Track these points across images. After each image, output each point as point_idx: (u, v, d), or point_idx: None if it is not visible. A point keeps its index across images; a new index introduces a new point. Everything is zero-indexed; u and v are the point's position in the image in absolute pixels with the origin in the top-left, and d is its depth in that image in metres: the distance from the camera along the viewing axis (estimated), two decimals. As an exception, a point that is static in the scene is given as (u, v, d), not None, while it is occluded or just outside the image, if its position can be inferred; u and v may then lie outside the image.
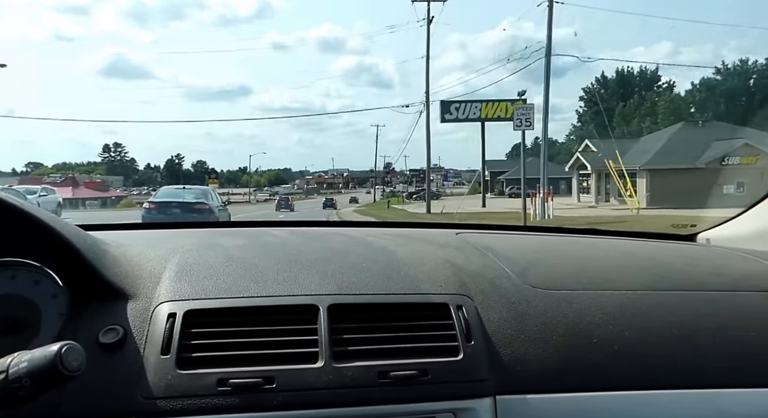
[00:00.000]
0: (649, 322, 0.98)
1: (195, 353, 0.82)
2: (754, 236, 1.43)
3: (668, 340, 0.96)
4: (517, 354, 0.90)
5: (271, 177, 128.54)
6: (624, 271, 1.19)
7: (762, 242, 1.39)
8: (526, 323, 0.95)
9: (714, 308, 1.04)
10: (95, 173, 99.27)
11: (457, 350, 0.88)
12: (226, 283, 0.96)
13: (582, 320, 0.97)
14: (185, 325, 0.85)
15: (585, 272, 1.16)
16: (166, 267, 1.00)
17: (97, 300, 0.88)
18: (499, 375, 0.88)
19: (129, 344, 0.83)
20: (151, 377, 0.79)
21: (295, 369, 0.82)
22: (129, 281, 0.93)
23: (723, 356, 0.95)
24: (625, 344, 0.94)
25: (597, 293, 1.04)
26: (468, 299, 0.98)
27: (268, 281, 0.97)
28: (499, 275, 1.08)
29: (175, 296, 0.91)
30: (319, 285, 0.97)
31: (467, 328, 0.91)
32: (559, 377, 0.89)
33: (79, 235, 0.92)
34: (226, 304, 0.90)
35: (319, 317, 0.88)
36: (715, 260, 1.33)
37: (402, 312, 0.93)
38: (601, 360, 0.92)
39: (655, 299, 1.05)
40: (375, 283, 1.00)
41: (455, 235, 1.39)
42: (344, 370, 0.83)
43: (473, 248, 1.24)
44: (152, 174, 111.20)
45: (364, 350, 0.86)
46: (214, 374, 0.80)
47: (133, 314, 0.87)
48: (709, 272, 1.20)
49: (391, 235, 1.37)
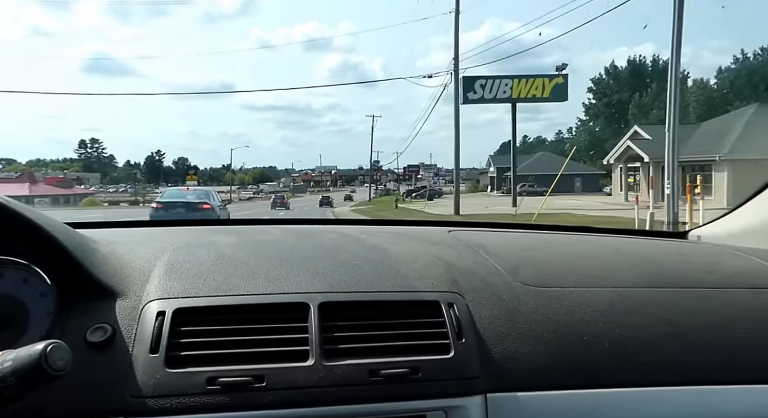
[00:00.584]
0: (639, 319, 0.98)
1: (184, 352, 0.82)
2: (745, 233, 1.42)
3: (659, 337, 0.95)
4: (508, 352, 0.90)
5: (255, 175, 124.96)
6: (615, 268, 1.18)
7: (753, 238, 1.39)
8: (517, 321, 0.95)
9: (705, 306, 1.04)
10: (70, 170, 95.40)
11: (448, 348, 0.88)
12: (216, 281, 0.95)
13: (573, 318, 0.97)
14: (174, 323, 0.84)
15: (576, 269, 1.15)
16: (155, 265, 0.99)
17: (86, 298, 0.87)
18: (489, 373, 0.87)
19: (117, 343, 0.82)
20: (140, 376, 0.79)
21: (286, 368, 0.81)
22: (118, 279, 0.92)
23: (714, 353, 0.95)
24: (616, 341, 0.94)
25: (588, 291, 1.04)
26: (459, 296, 0.97)
27: (258, 279, 0.96)
28: (491, 273, 1.08)
29: (165, 294, 0.90)
30: (310, 283, 0.96)
31: (458, 326, 0.91)
32: (550, 374, 0.89)
33: (67, 233, 0.90)
34: (216, 302, 0.89)
35: (310, 315, 0.88)
36: (707, 257, 1.32)
37: (393, 310, 0.92)
38: (591, 358, 0.91)
39: (646, 296, 1.04)
40: (366, 281, 0.99)
41: (448, 232, 1.38)
42: (335, 368, 0.82)
43: (465, 245, 1.24)
44: (131, 171, 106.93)
45: (355, 348, 0.85)
46: (203, 372, 0.79)
47: (122, 313, 0.87)
48: (700, 269, 1.20)
49: (384, 233, 1.36)
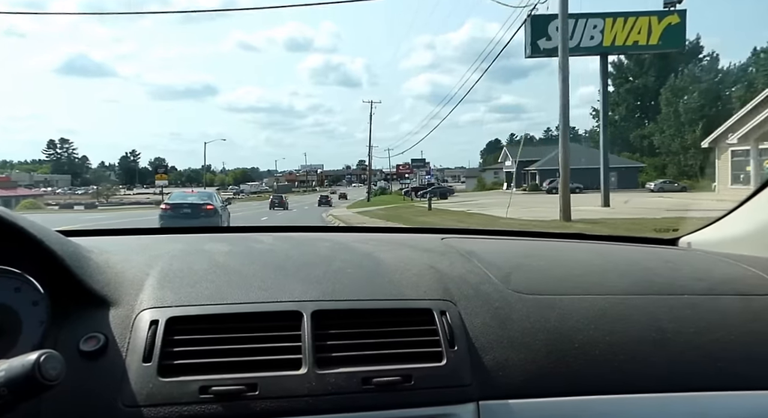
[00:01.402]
0: (630, 326, 0.99)
1: (177, 361, 0.82)
2: (735, 239, 1.43)
3: (648, 344, 0.96)
4: (500, 359, 0.91)
5: (237, 175, 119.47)
6: (606, 275, 1.19)
7: (743, 245, 1.39)
8: (509, 328, 0.95)
9: (694, 312, 1.04)
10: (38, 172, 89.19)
11: (441, 356, 0.88)
12: (209, 289, 0.95)
13: (564, 325, 0.97)
14: (167, 332, 0.85)
15: (568, 276, 1.15)
16: (149, 274, 0.99)
17: (79, 307, 0.87)
18: (482, 380, 0.88)
19: (110, 352, 0.82)
20: (133, 385, 0.79)
21: (278, 376, 0.82)
22: (111, 289, 0.92)
23: (703, 360, 0.95)
24: (607, 348, 0.94)
25: (579, 298, 1.04)
26: (451, 304, 0.98)
27: (251, 288, 0.96)
28: (483, 281, 1.08)
29: (158, 303, 0.90)
30: (303, 291, 0.96)
31: (450, 333, 0.91)
32: (542, 381, 0.90)
33: (60, 241, 0.90)
34: (209, 311, 0.89)
35: (303, 324, 0.88)
36: (697, 264, 1.33)
37: (386, 318, 0.92)
38: (583, 365, 0.92)
39: (637, 303, 1.05)
40: (359, 289, 1.00)
41: (440, 240, 1.38)
42: (327, 376, 0.83)
43: (457, 253, 1.24)
44: (104, 172, 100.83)
45: (348, 356, 0.86)
46: (196, 381, 0.79)
47: (115, 322, 0.87)
48: (690, 276, 1.20)
49: (377, 240, 1.37)
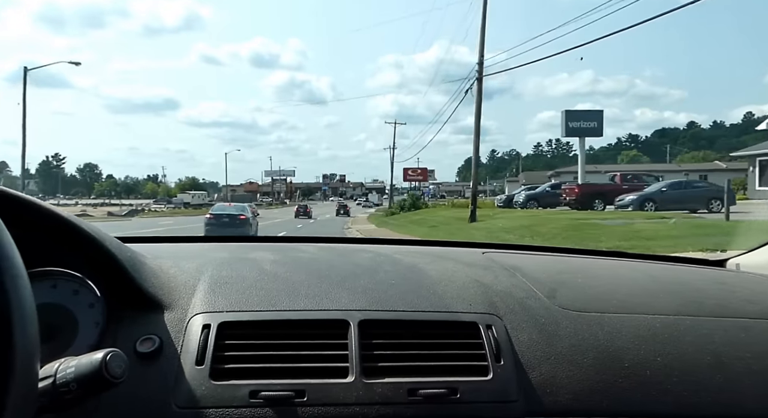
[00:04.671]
0: (682, 348, 0.96)
1: (228, 365, 0.84)
2: None
3: (702, 367, 0.94)
4: (547, 376, 0.90)
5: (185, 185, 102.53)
6: (655, 294, 1.16)
7: None
8: (556, 345, 0.94)
9: (749, 336, 1.01)
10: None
11: (487, 370, 0.87)
12: (258, 296, 0.97)
13: (613, 344, 0.96)
14: (219, 336, 0.87)
15: (615, 294, 1.13)
16: (200, 279, 1.01)
17: (135, 310, 0.90)
18: (528, 397, 0.87)
19: (165, 354, 0.85)
20: (186, 387, 0.81)
21: (326, 383, 0.83)
22: (165, 293, 0.95)
23: (758, 385, 0.93)
24: (658, 369, 0.92)
25: (628, 317, 1.02)
26: (497, 318, 0.97)
27: (299, 295, 0.98)
28: (528, 296, 1.07)
29: (210, 307, 0.93)
30: (350, 300, 0.97)
31: (497, 348, 0.90)
32: (589, 400, 0.88)
33: (120, 247, 0.94)
34: (259, 316, 0.91)
35: (350, 332, 0.89)
36: (749, 286, 1.29)
37: (431, 330, 0.93)
38: (632, 385, 0.90)
39: (688, 324, 1.02)
40: (405, 300, 1.00)
41: (482, 254, 1.37)
42: (374, 386, 0.83)
43: (501, 267, 1.23)
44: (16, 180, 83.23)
45: (394, 366, 0.86)
46: (246, 385, 0.81)
47: (169, 325, 0.89)
48: (742, 299, 1.17)
49: (419, 253, 1.37)
